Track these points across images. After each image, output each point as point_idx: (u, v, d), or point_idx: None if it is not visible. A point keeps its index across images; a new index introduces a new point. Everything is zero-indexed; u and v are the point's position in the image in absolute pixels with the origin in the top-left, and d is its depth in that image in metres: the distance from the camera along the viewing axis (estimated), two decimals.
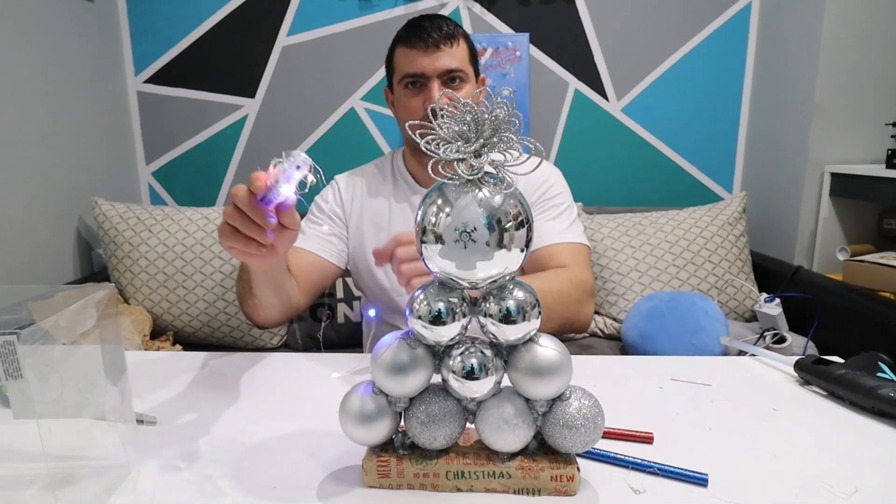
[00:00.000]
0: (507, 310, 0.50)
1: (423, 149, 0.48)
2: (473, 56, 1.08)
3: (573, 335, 1.66)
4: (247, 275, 0.87)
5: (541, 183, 1.11)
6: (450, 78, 1.03)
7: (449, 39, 1.02)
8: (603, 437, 0.58)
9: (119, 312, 1.11)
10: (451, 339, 0.52)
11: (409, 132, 0.49)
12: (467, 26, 1.91)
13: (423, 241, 0.50)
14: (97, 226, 1.65)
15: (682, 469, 0.55)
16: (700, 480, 0.54)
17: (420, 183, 1.14)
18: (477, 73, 1.10)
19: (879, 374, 0.71)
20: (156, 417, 0.67)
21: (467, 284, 0.51)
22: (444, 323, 0.50)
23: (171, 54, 1.93)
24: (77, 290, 0.53)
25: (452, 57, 1.02)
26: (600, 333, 1.68)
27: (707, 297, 1.54)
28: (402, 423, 0.55)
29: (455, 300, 0.51)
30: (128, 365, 0.57)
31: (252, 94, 1.96)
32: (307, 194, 0.61)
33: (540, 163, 0.49)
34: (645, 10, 1.89)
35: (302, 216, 1.02)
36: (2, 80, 1.42)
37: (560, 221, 1.08)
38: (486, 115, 0.47)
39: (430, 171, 0.47)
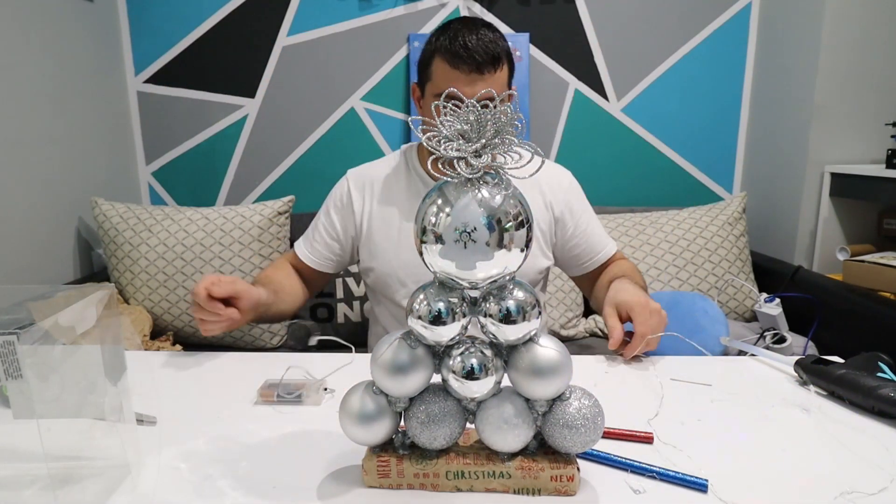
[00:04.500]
0: (507, 310, 0.50)
1: (425, 144, 0.48)
2: (512, 73, 1.05)
3: (573, 336, 1.66)
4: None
5: (566, 187, 1.15)
6: (485, 106, 1.01)
7: (493, 64, 0.98)
8: (603, 438, 0.58)
9: (119, 312, 1.11)
10: (451, 339, 0.52)
11: (412, 126, 0.49)
12: None
13: (423, 241, 0.50)
14: (97, 226, 1.65)
15: (682, 474, 0.55)
16: (700, 486, 0.54)
17: (435, 179, 1.12)
18: (509, 86, 1.07)
19: (879, 374, 0.71)
20: (156, 417, 0.67)
21: (467, 284, 0.51)
22: (444, 323, 0.50)
23: (171, 54, 1.93)
24: (77, 290, 0.53)
25: (493, 83, 0.99)
26: (600, 333, 1.68)
27: (707, 297, 1.54)
28: (402, 423, 0.55)
29: (455, 300, 0.51)
30: (128, 365, 0.57)
31: (252, 94, 1.96)
32: None
33: (542, 165, 0.49)
34: (645, 10, 1.89)
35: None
36: (2, 81, 1.42)
37: (598, 223, 1.20)
38: (489, 116, 0.47)
39: (429, 167, 0.47)
